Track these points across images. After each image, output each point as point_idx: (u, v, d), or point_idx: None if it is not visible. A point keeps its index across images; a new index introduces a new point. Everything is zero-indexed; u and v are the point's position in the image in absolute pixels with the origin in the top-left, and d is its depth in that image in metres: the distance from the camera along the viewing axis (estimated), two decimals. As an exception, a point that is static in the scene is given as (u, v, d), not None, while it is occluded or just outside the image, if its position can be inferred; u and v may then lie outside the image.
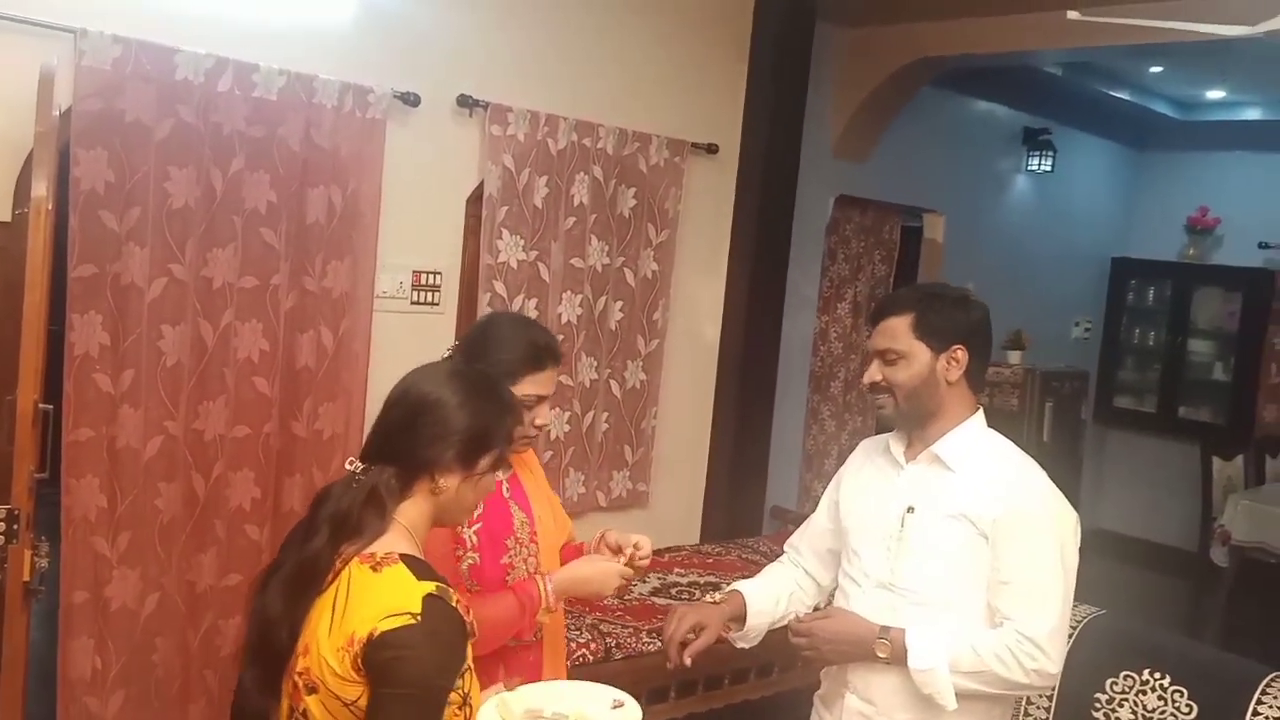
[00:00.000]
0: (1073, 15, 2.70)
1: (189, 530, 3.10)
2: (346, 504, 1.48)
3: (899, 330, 1.95)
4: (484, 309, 3.68)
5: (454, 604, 1.41)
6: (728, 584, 2.21)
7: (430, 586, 1.40)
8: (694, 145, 4.24)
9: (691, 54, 4.24)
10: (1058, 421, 6.10)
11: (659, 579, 3.85)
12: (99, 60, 2.77)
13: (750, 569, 4.02)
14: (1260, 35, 2.47)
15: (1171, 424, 6.92)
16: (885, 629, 1.91)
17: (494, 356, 1.90)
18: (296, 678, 1.43)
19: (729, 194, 4.48)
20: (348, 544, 1.45)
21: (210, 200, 3.01)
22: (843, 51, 4.86)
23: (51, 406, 2.38)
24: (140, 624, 3.03)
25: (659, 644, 2.20)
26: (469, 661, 1.44)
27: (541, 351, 1.94)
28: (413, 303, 3.59)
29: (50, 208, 2.26)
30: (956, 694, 1.84)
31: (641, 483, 4.28)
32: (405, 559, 1.44)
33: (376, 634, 1.35)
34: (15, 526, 2.25)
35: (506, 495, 1.98)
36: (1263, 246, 6.64)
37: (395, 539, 1.48)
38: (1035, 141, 6.20)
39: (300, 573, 1.46)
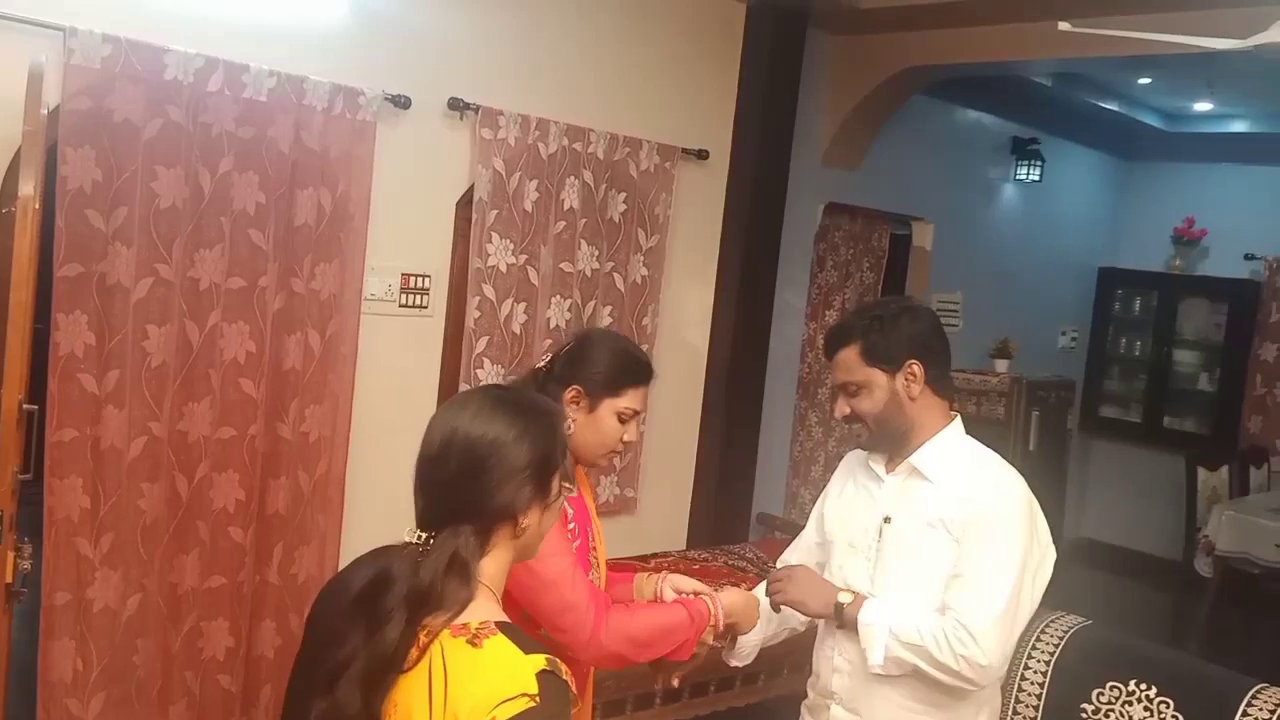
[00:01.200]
0: (1064, 26, 2.72)
1: (172, 531, 3.08)
2: (427, 579, 1.31)
3: (851, 362, 1.97)
4: (473, 313, 3.68)
5: (565, 676, 1.30)
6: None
7: (541, 661, 1.28)
8: (685, 151, 4.24)
9: (683, 60, 4.25)
10: (1044, 430, 6.12)
11: (645, 585, 3.84)
12: (88, 59, 2.75)
13: (736, 576, 4.01)
14: (1250, 49, 2.48)
15: (1157, 434, 6.96)
16: (841, 602, 1.96)
17: (597, 369, 1.91)
18: None
19: (719, 200, 4.48)
20: (428, 620, 1.32)
21: (198, 200, 2.99)
22: (834, 59, 4.87)
23: (36, 406, 2.36)
24: (122, 625, 3.01)
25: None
26: None
27: (645, 368, 1.96)
28: (401, 305, 3.58)
29: (37, 206, 2.24)
30: (893, 662, 1.87)
31: (629, 488, 4.28)
32: (503, 628, 1.32)
33: None
34: (-3, 527, 2.22)
35: (570, 514, 1.93)
36: (1248, 258, 6.69)
37: (483, 604, 1.35)
38: (1024, 151, 6.23)
39: (377, 666, 1.31)
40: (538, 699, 1.24)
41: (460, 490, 1.36)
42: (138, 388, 2.95)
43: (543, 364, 1.96)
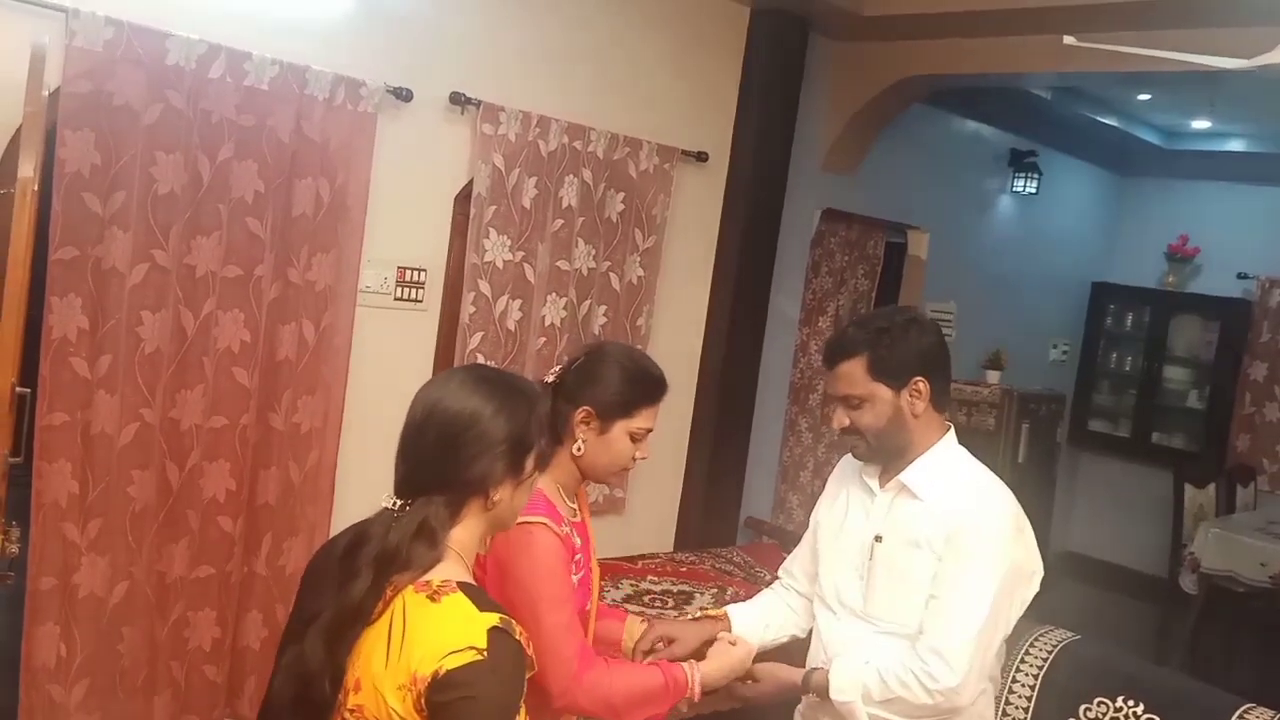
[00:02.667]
0: (1069, 40, 2.72)
1: (161, 520, 3.06)
2: (394, 542, 1.38)
3: (855, 375, 1.93)
4: (468, 308, 3.67)
5: (518, 637, 1.34)
6: (701, 592, 2.21)
7: (494, 618, 1.33)
8: (684, 152, 4.24)
9: (685, 61, 4.25)
10: (1034, 443, 6.14)
11: (632, 586, 3.84)
12: (90, 41, 2.73)
13: (723, 579, 4.01)
14: (1254, 69, 2.49)
15: (1145, 450, 6.98)
16: (809, 674, 1.96)
17: (610, 391, 1.86)
18: (348, 714, 1.37)
19: (717, 202, 4.49)
20: (395, 578, 1.38)
21: (196, 187, 2.98)
22: (835, 65, 4.87)
23: (29, 390, 2.34)
24: (108, 613, 2.99)
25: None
26: (523, 696, 1.37)
27: (658, 384, 1.91)
28: (396, 299, 3.57)
29: (35, 189, 2.23)
30: None
31: (618, 489, 4.27)
32: (463, 587, 1.38)
33: (442, 673, 1.28)
34: (-15, 511, 2.21)
35: (578, 544, 1.92)
36: (1241, 277, 6.72)
37: (449, 566, 1.40)
38: (1021, 163, 6.25)
39: (342, 619, 1.37)
40: (484, 653, 1.29)
41: (436, 461, 1.43)
42: (130, 374, 2.93)
43: (552, 377, 1.92)
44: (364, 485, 3.40)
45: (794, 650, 2.27)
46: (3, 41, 2.65)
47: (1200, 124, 6.30)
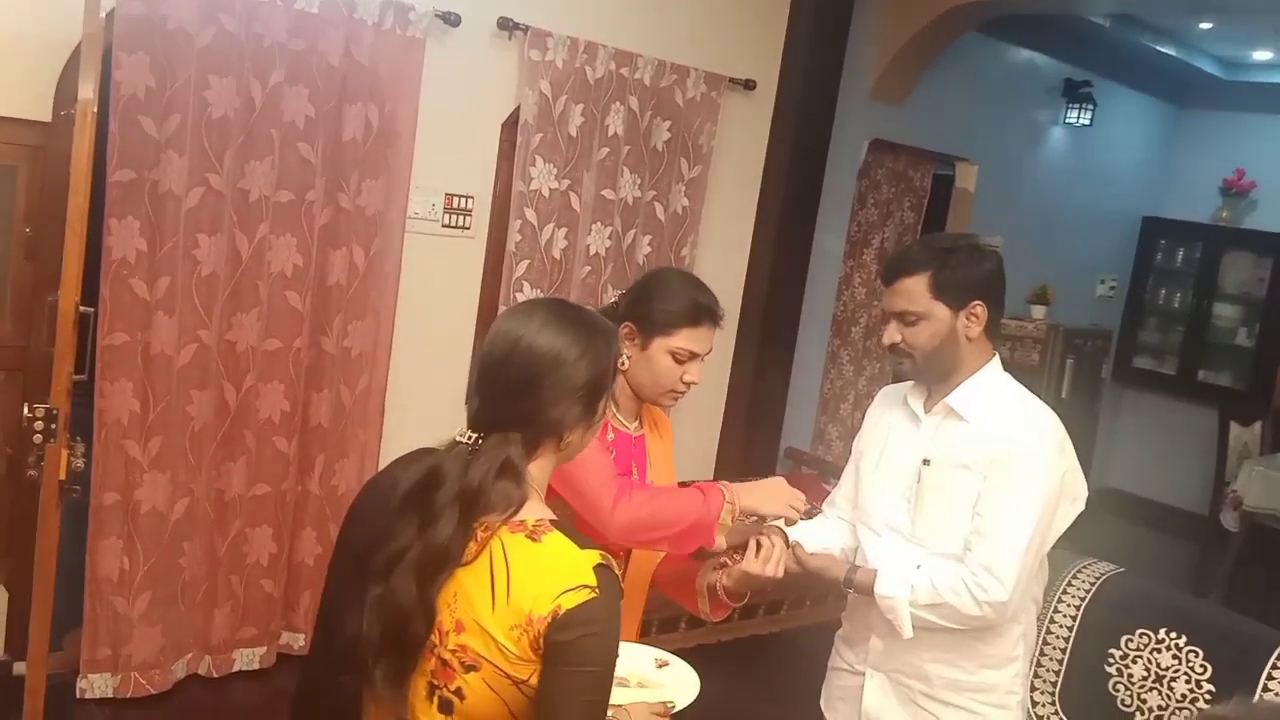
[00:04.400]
0: (1135, -36, 2.63)
1: (219, 439, 3.14)
2: (475, 480, 1.35)
3: (915, 291, 1.92)
4: (514, 236, 3.68)
5: (615, 570, 1.35)
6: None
7: (596, 556, 1.33)
8: (731, 80, 4.19)
9: (735, -14, 4.17)
10: (1077, 379, 6.09)
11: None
12: (143, -38, 2.74)
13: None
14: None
15: (1190, 387, 6.90)
16: (851, 570, 1.97)
17: (656, 306, 1.89)
18: (449, 655, 1.36)
19: (764, 131, 4.43)
20: (482, 518, 1.36)
21: (249, 112, 3.00)
22: (887, -9, 4.77)
23: (92, 310, 2.39)
24: (169, 528, 3.09)
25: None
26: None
27: (702, 309, 1.91)
28: (444, 225, 3.59)
29: (94, 110, 2.25)
30: (918, 627, 1.88)
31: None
32: (558, 525, 1.37)
33: (561, 612, 1.28)
34: (53, 426, 2.28)
35: (610, 439, 1.92)
36: (1298, 213, 6.56)
37: (535, 504, 1.39)
38: (1075, 94, 6.09)
39: (432, 559, 1.35)
40: (597, 590, 1.30)
41: (517, 399, 1.40)
42: (188, 295, 2.99)
43: (614, 301, 1.94)
44: (414, 409, 3.46)
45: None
46: (57, -37, 2.66)
47: (1262, 55, 6.10)
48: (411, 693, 1.39)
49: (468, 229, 3.66)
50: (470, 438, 1.40)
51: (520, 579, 1.32)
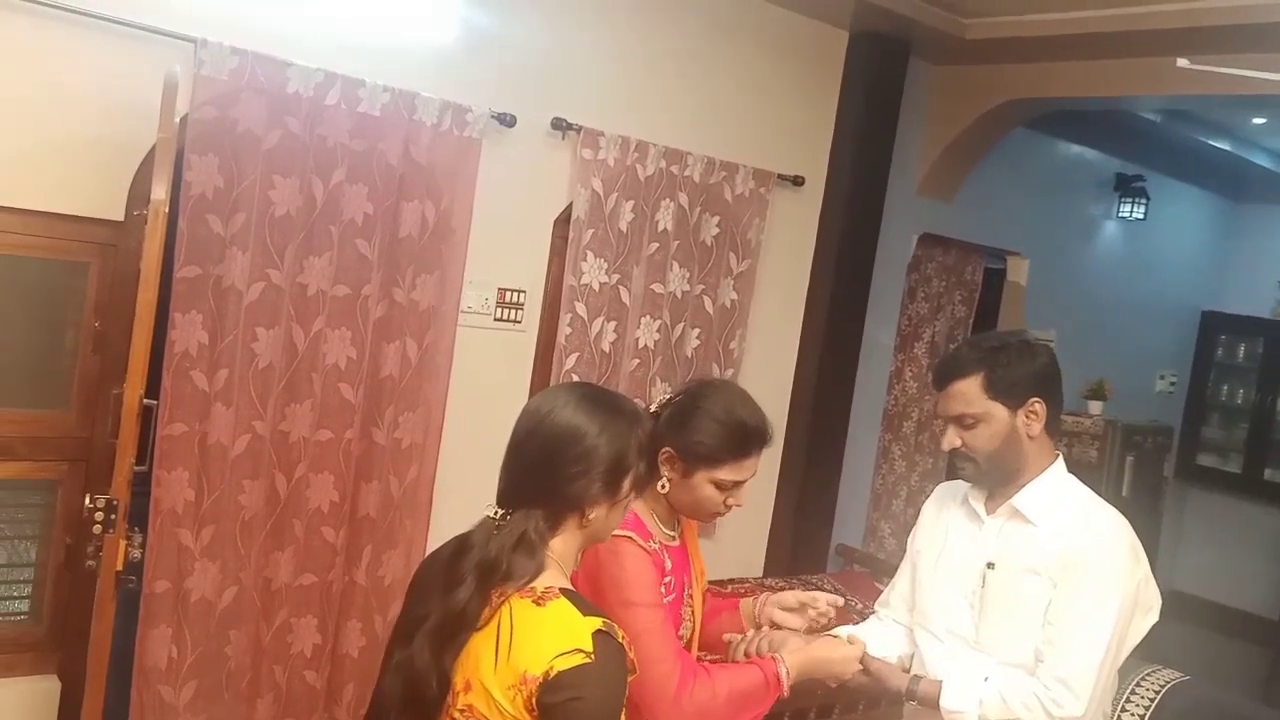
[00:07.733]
0: (1183, 63, 2.66)
1: (269, 528, 3.17)
2: (494, 551, 1.42)
3: (970, 393, 1.90)
4: (564, 329, 3.72)
5: (620, 640, 1.38)
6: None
7: (598, 622, 1.37)
8: (780, 176, 4.25)
9: (782, 86, 4.26)
10: (1138, 477, 5.94)
11: (723, 609, 3.82)
12: (216, 70, 2.87)
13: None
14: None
15: (1257, 486, 6.70)
16: (914, 680, 1.93)
17: (695, 438, 1.82)
18: (457, 714, 1.41)
19: (812, 226, 4.48)
20: (500, 587, 1.42)
21: (310, 209, 3.10)
22: (934, 89, 4.83)
23: (154, 402, 2.46)
24: (216, 616, 3.10)
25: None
26: (626, 697, 1.41)
27: (751, 439, 1.85)
28: (496, 319, 3.65)
29: (165, 210, 2.35)
30: None
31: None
32: (566, 593, 1.42)
33: (553, 674, 1.33)
34: (113, 517, 2.32)
35: (668, 566, 1.89)
36: (1361, 308, 6.43)
37: (551, 574, 1.45)
38: (1128, 188, 6.09)
39: (448, 623, 1.42)
40: (592, 656, 1.34)
41: (537, 475, 1.48)
42: (245, 387, 3.05)
43: (655, 406, 1.89)
44: (461, 500, 3.45)
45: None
46: (135, 69, 2.81)
47: (1318, 148, 6.06)
48: None
49: (519, 322, 3.72)
50: (497, 513, 1.48)
51: (521, 640, 1.37)
